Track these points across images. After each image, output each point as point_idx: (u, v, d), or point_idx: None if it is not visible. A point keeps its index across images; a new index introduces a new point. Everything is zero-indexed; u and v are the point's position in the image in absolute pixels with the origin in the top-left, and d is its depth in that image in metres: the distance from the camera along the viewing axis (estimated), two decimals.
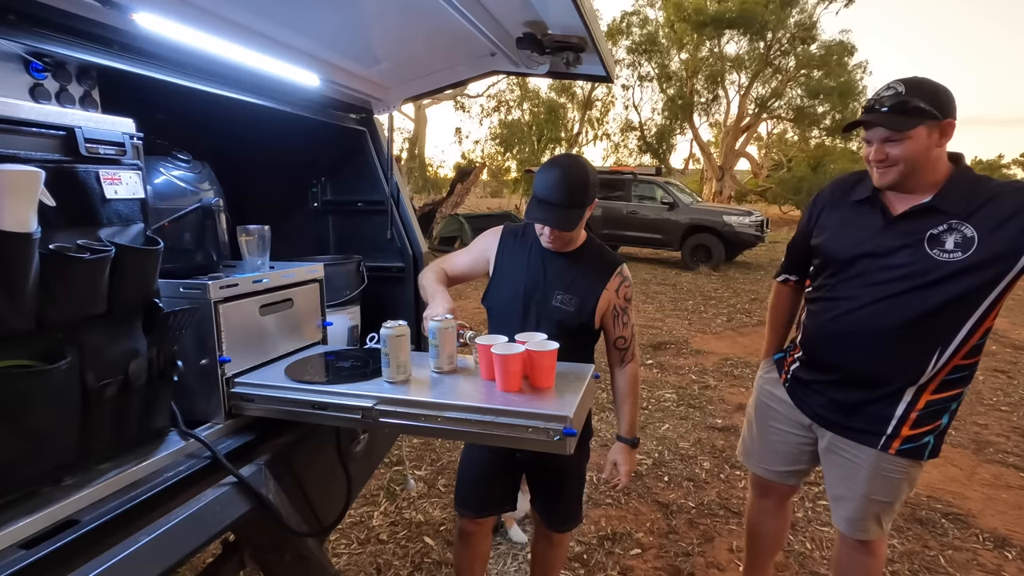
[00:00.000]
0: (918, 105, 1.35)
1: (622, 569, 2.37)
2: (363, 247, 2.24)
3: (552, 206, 1.52)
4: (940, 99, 1.35)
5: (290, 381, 1.37)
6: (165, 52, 1.30)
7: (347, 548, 2.47)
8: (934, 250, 1.39)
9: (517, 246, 1.70)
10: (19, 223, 0.86)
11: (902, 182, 1.44)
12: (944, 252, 1.38)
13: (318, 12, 1.51)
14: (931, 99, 1.35)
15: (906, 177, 1.42)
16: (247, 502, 1.20)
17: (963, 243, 1.37)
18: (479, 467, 1.75)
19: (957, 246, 1.37)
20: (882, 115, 1.39)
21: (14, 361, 0.91)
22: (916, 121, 1.35)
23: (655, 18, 21.62)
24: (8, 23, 1.00)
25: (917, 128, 1.35)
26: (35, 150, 0.96)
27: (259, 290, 1.44)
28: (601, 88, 22.36)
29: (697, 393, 4.48)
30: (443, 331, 1.39)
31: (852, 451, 1.60)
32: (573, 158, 1.59)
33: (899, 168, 1.41)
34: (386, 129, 2.24)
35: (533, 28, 1.75)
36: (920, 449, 1.52)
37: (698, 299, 8.14)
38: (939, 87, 1.37)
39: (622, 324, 1.66)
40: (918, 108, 1.34)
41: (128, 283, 1.06)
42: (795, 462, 1.80)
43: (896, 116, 1.36)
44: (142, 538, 0.97)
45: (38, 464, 0.96)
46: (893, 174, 1.43)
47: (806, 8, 20.29)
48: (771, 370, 1.86)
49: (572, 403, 1.21)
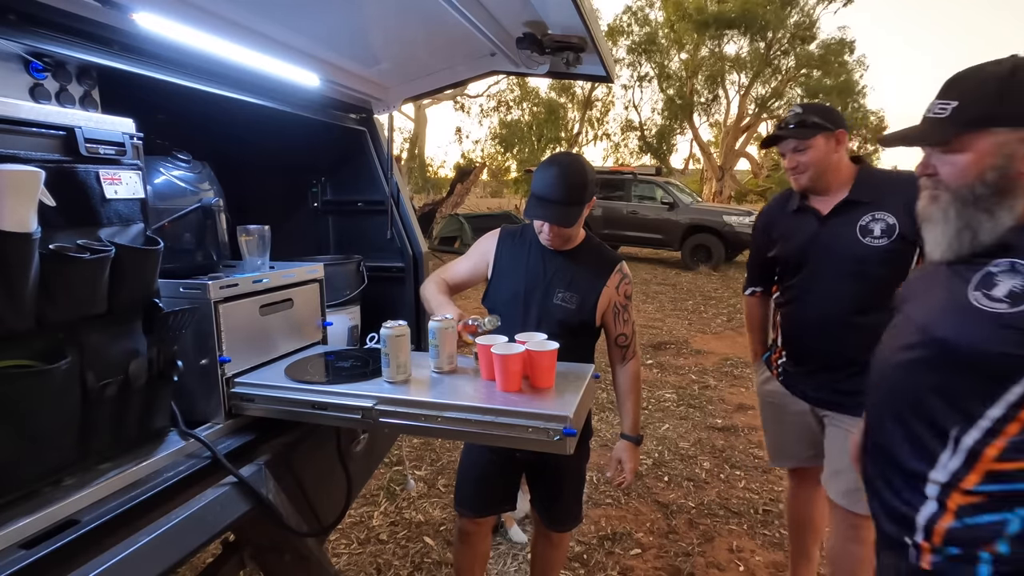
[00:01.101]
0: (815, 120, 1.69)
1: (622, 569, 2.37)
2: (363, 247, 2.24)
3: (551, 203, 1.52)
4: (832, 115, 1.71)
5: (290, 381, 1.37)
6: (165, 52, 1.30)
7: (347, 548, 2.47)
8: (866, 238, 1.66)
9: (516, 246, 1.70)
10: (19, 223, 0.86)
11: (815, 184, 1.75)
12: (874, 239, 1.65)
13: (318, 12, 1.51)
14: (824, 115, 1.70)
15: (816, 180, 1.74)
16: (247, 502, 1.20)
17: (887, 230, 1.64)
18: (479, 467, 1.75)
19: (883, 232, 1.64)
20: (789, 131, 1.73)
21: (14, 361, 0.91)
22: (814, 132, 1.69)
23: (655, 18, 21.65)
24: (8, 23, 1.00)
25: (816, 137, 1.69)
26: (35, 150, 0.96)
27: (259, 290, 1.44)
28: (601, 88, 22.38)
29: (697, 393, 4.48)
30: (443, 331, 1.39)
31: (848, 423, 1.71)
32: (571, 156, 1.60)
33: (809, 173, 1.73)
34: (386, 129, 2.24)
35: (533, 28, 1.75)
36: None
37: (698, 299, 8.14)
38: (830, 107, 1.76)
39: (623, 321, 1.67)
40: (815, 123, 1.69)
41: (128, 283, 1.06)
42: (818, 442, 1.90)
43: (799, 130, 1.71)
44: (142, 538, 0.97)
45: (38, 464, 0.96)
46: (805, 178, 1.75)
47: (806, 8, 20.31)
48: (763, 371, 2.06)
49: (572, 403, 1.21)
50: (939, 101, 0.99)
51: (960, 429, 0.95)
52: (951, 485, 0.96)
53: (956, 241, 0.99)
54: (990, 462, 0.92)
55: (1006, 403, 0.91)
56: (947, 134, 0.97)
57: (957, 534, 0.95)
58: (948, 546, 0.96)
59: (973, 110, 0.94)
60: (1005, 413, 0.91)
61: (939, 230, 1.01)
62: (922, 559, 0.98)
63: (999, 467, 0.92)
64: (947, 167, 0.98)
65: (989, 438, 0.92)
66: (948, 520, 0.96)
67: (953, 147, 0.97)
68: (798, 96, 21.53)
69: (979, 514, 0.94)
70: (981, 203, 0.95)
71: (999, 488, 0.92)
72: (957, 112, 0.96)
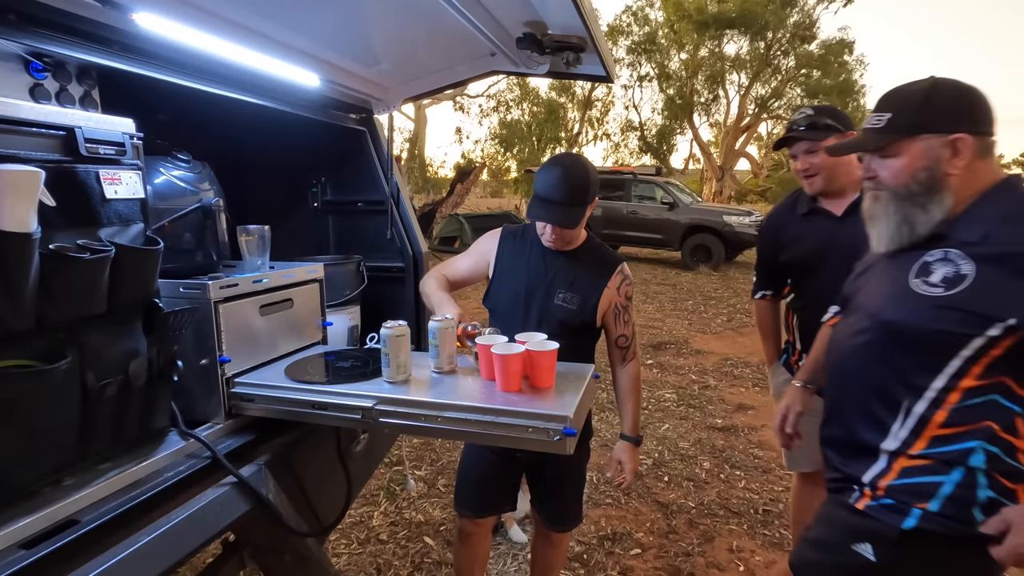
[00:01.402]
0: (826, 122, 1.70)
1: (622, 569, 2.37)
2: (363, 247, 2.24)
3: (554, 204, 1.52)
4: (842, 117, 1.72)
5: (290, 381, 1.37)
6: (165, 52, 1.29)
7: (347, 548, 2.47)
8: None
9: (517, 246, 1.70)
10: (19, 223, 0.86)
11: (827, 186, 1.75)
12: None
13: (318, 12, 1.51)
14: (835, 117, 1.71)
15: (829, 181, 1.74)
16: (247, 502, 1.20)
17: None
18: (479, 467, 1.75)
19: None
20: (800, 133, 1.73)
21: (14, 361, 0.91)
22: (826, 133, 1.69)
23: (655, 18, 21.64)
24: (8, 23, 0.99)
25: (828, 139, 1.68)
26: (35, 150, 0.96)
27: (259, 290, 1.44)
28: (601, 88, 22.37)
29: (697, 393, 4.48)
30: (443, 331, 1.39)
31: None
32: (574, 157, 1.60)
33: (822, 175, 1.74)
34: (386, 129, 2.24)
35: (533, 28, 1.75)
36: None
37: (698, 299, 8.14)
38: (839, 110, 1.75)
39: (623, 322, 1.67)
40: (827, 124, 1.70)
41: (128, 283, 1.06)
42: None
43: (811, 131, 1.71)
44: (142, 538, 0.97)
45: (38, 464, 0.96)
46: (819, 181, 1.75)
47: (806, 8, 20.31)
48: (782, 374, 2.00)
49: (572, 403, 1.21)
50: (875, 114, 1.14)
51: (910, 401, 1.09)
52: (900, 452, 1.10)
53: (897, 234, 1.14)
54: (936, 428, 1.07)
55: (947, 375, 1.05)
56: (883, 141, 1.12)
57: (896, 489, 1.10)
58: (885, 497, 1.11)
59: (903, 120, 1.10)
60: (947, 384, 1.06)
61: (882, 225, 1.16)
62: (859, 502, 1.15)
63: (942, 432, 1.06)
64: (885, 170, 1.13)
65: (934, 407, 1.07)
66: (891, 478, 1.11)
67: (889, 152, 1.12)
68: (798, 96, 21.54)
69: (920, 475, 1.08)
70: (916, 200, 1.10)
71: (941, 451, 1.07)
72: (891, 122, 1.11)
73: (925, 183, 1.09)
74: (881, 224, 1.16)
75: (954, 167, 1.07)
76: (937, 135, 1.07)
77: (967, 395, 1.05)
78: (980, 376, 1.04)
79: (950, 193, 1.08)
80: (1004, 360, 1.02)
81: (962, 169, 1.07)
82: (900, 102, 1.12)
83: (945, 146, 1.07)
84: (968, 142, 1.06)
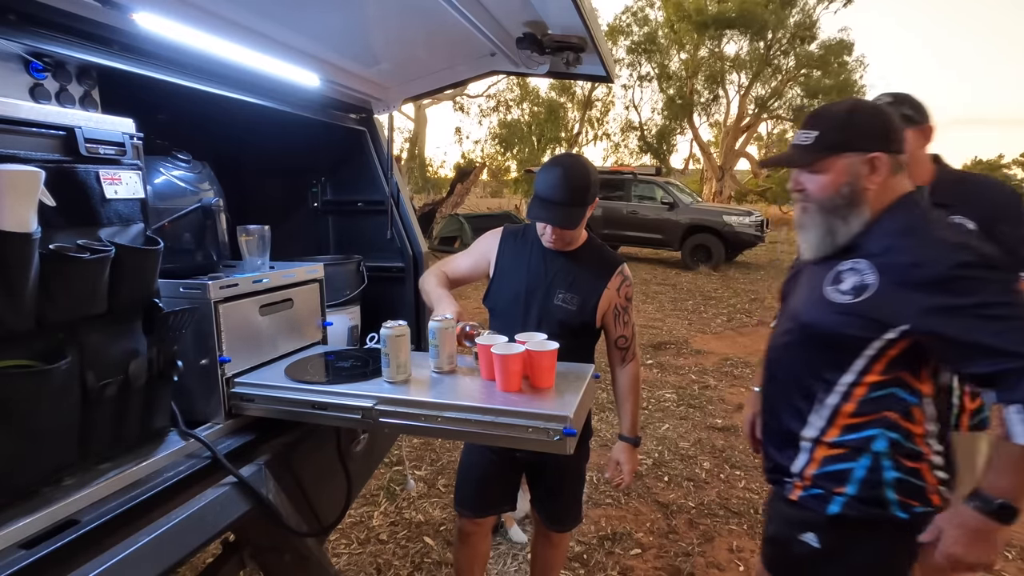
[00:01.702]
0: (905, 112, 1.56)
1: (622, 569, 2.37)
2: (363, 247, 2.24)
3: (554, 205, 1.52)
4: (920, 109, 1.58)
5: (290, 381, 1.37)
6: (165, 52, 1.29)
7: (347, 548, 2.47)
8: None
9: (518, 246, 1.70)
10: (19, 223, 0.86)
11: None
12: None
13: (318, 12, 1.51)
14: (914, 108, 1.57)
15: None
16: (247, 502, 1.20)
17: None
18: (479, 467, 1.75)
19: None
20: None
21: (14, 361, 0.91)
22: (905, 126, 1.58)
23: (655, 18, 21.65)
24: (8, 23, 1.00)
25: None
26: (35, 150, 0.96)
27: (259, 290, 1.44)
28: (601, 88, 22.38)
29: (697, 393, 4.49)
30: (443, 331, 1.39)
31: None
32: (574, 157, 1.60)
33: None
34: (386, 129, 2.24)
35: (533, 28, 1.75)
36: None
37: (698, 299, 8.14)
38: (917, 101, 1.61)
39: (623, 323, 1.67)
40: (905, 115, 1.55)
41: (128, 283, 1.06)
42: None
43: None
44: (142, 538, 0.97)
45: (38, 464, 0.96)
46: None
47: (806, 8, 20.32)
48: None
49: (572, 403, 1.21)
50: (803, 131, 1.24)
51: (824, 393, 1.22)
52: (817, 440, 1.24)
53: (821, 244, 1.23)
54: (846, 417, 1.20)
55: (854, 371, 1.18)
56: (811, 158, 1.21)
57: (820, 477, 1.24)
58: (812, 487, 1.25)
59: (829, 139, 1.19)
60: (854, 379, 1.18)
61: (810, 235, 1.25)
62: (792, 493, 1.28)
63: (852, 421, 1.20)
64: (813, 184, 1.23)
65: (844, 400, 1.20)
66: (814, 467, 1.25)
67: (816, 168, 1.21)
68: (798, 96, 21.55)
69: (836, 463, 1.22)
70: (838, 212, 1.20)
71: (852, 438, 1.20)
72: (818, 140, 1.21)
73: (847, 197, 1.19)
74: (810, 233, 1.25)
75: (872, 183, 1.18)
76: (858, 153, 1.18)
77: (871, 388, 1.18)
78: (882, 372, 1.16)
79: (867, 207, 1.19)
80: (901, 358, 1.14)
81: (878, 185, 1.18)
82: (825, 122, 1.22)
83: (864, 163, 1.18)
84: (884, 160, 1.17)
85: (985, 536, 1.07)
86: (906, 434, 1.18)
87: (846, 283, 1.19)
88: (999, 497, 1.05)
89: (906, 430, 1.18)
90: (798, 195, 1.27)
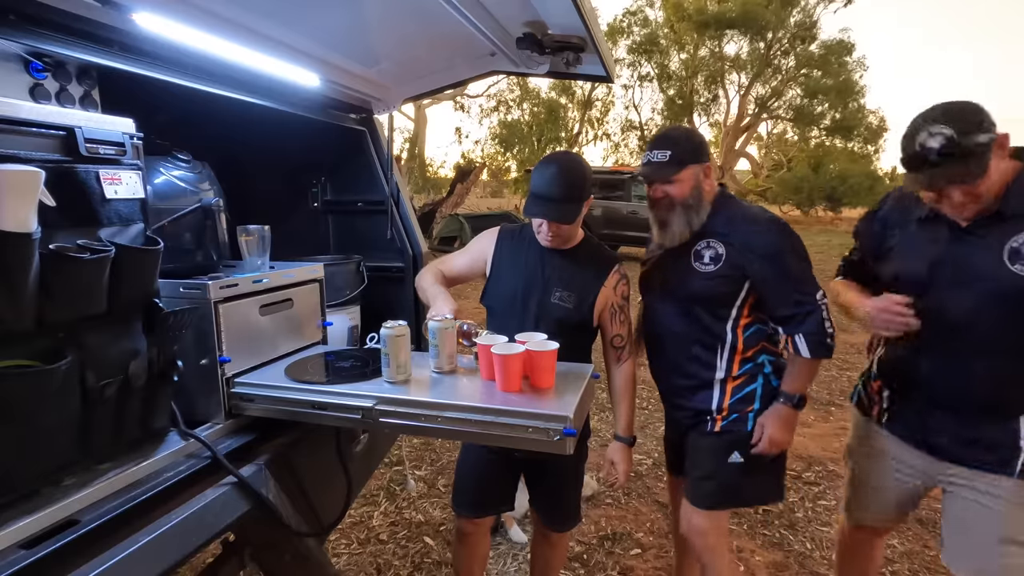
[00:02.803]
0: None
1: (622, 569, 2.37)
2: (363, 247, 2.24)
3: (550, 201, 1.53)
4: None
5: (290, 381, 1.37)
6: (165, 52, 1.30)
7: (347, 548, 2.47)
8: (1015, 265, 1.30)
9: (515, 246, 1.70)
10: (19, 223, 0.86)
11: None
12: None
13: (318, 12, 1.51)
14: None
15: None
16: (247, 502, 1.20)
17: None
18: (477, 468, 1.75)
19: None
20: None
21: (14, 361, 0.91)
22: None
23: (655, 18, 21.64)
24: (8, 23, 1.00)
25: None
26: (35, 150, 0.96)
27: (259, 290, 1.44)
28: (601, 88, 22.35)
29: None
30: (443, 331, 1.39)
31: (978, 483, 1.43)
32: (568, 154, 1.62)
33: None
34: (386, 129, 2.24)
35: (533, 28, 1.75)
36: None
37: None
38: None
39: (619, 322, 1.67)
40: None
41: (128, 283, 1.06)
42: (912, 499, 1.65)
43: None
44: (142, 538, 0.97)
45: (38, 464, 0.96)
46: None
47: (807, 8, 20.32)
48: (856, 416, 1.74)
49: (572, 403, 1.21)
50: (658, 151, 1.60)
51: (721, 340, 1.64)
52: (725, 378, 1.65)
53: (683, 232, 1.62)
54: (740, 354, 1.65)
55: (732, 319, 1.63)
56: (671, 171, 1.59)
57: (734, 405, 1.65)
58: (730, 415, 1.65)
59: (679, 156, 1.59)
60: (734, 323, 1.63)
61: (675, 227, 1.62)
62: (715, 426, 1.66)
63: (746, 355, 1.65)
64: (673, 189, 1.61)
65: (735, 340, 1.64)
66: (728, 399, 1.66)
67: (675, 178, 1.60)
68: (798, 96, 21.56)
69: (742, 390, 1.65)
70: (691, 209, 1.61)
71: (747, 367, 1.65)
72: (672, 158, 1.59)
73: (697, 197, 1.61)
74: (674, 227, 1.62)
75: (708, 185, 1.64)
76: (697, 165, 1.60)
77: (747, 328, 1.64)
78: (748, 315, 1.63)
79: (707, 203, 1.62)
80: (756, 304, 1.62)
81: (711, 186, 1.64)
82: (673, 143, 1.60)
83: (702, 171, 1.62)
84: (711, 168, 1.65)
85: (791, 421, 1.61)
86: (774, 354, 1.68)
87: (705, 256, 1.62)
88: (796, 393, 1.59)
89: (775, 352, 1.68)
90: (664, 200, 1.62)
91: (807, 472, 3.17)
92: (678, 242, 1.63)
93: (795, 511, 2.80)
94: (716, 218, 1.62)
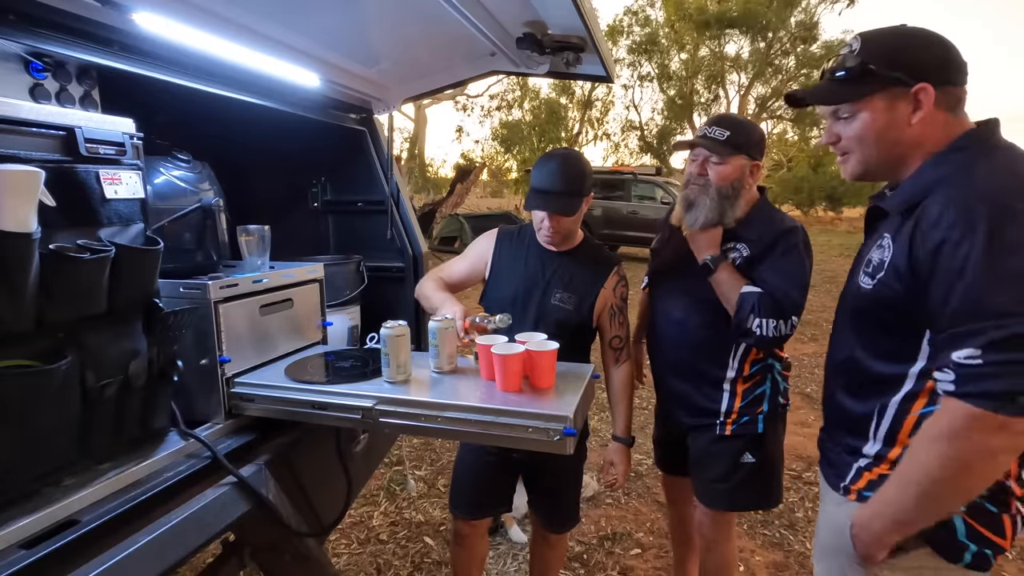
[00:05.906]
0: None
1: (622, 569, 2.37)
2: (363, 247, 2.24)
3: (551, 194, 1.53)
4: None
5: (290, 381, 1.37)
6: (165, 52, 1.29)
7: (347, 548, 2.47)
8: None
9: (514, 247, 1.70)
10: (19, 223, 0.86)
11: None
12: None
13: (318, 12, 1.51)
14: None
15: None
16: (247, 502, 1.20)
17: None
18: (474, 469, 1.75)
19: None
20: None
21: (14, 361, 0.91)
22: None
23: (655, 18, 21.62)
24: (8, 23, 0.99)
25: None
26: (35, 150, 0.96)
27: (259, 290, 1.44)
28: (601, 88, 22.32)
29: None
30: (443, 331, 1.39)
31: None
32: (568, 150, 1.65)
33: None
34: (386, 129, 2.24)
35: (533, 28, 1.75)
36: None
37: None
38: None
39: (618, 323, 1.67)
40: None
41: (128, 283, 1.06)
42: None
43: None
44: (142, 538, 0.97)
45: (38, 464, 0.96)
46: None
47: (808, 8, 20.30)
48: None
49: (572, 403, 1.21)
50: (718, 128, 1.52)
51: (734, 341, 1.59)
52: (737, 377, 1.63)
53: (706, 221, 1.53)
54: (755, 353, 1.62)
55: None
56: (723, 151, 1.50)
57: (744, 408, 1.64)
58: (740, 417, 1.63)
59: (735, 139, 1.50)
60: None
61: (700, 212, 1.53)
62: (726, 429, 1.64)
63: (756, 356, 1.63)
64: (714, 173, 1.52)
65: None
66: (738, 402, 1.64)
67: (722, 159, 1.51)
68: None
69: (752, 392, 1.64)
70: (726, 200, 1.52)
71: (756, 369, 1.63)
72: (729, 139, 1.51)
73: (735, 189, 1.52)
74: (700, 211, 1.53)
75: (750, 183, 1.56)
76: (749, 158, 1.52)
77: None
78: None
79: (743, 202, 1.55)
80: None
81: (751, 186, 1.57)
82: (735, 126, 1.52)
83: (750, 167, 1.53)
84: (760, 169, 1.57)
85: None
86: (779, 358, 1.67)
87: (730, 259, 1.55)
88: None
89: (778, 355, 1.67)
90: (699, 178, 1.54)
91: (807, 472, 3.17)
92: (698, 228, 1.55)
93: (795, 511, 2.80)
94: (750, 223, 1.56)
